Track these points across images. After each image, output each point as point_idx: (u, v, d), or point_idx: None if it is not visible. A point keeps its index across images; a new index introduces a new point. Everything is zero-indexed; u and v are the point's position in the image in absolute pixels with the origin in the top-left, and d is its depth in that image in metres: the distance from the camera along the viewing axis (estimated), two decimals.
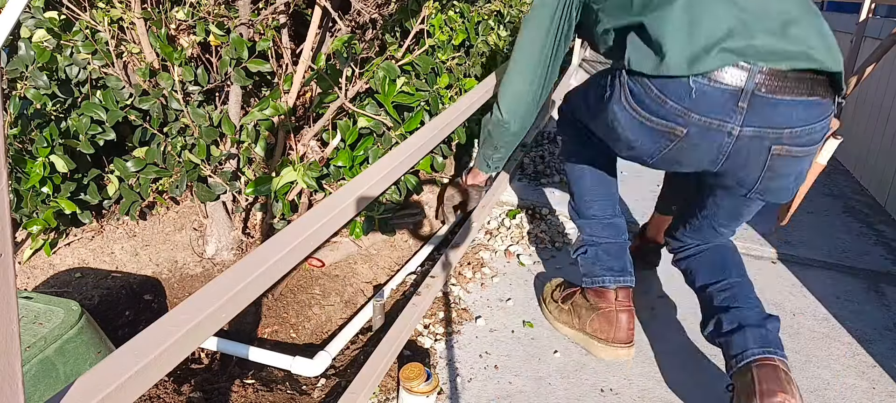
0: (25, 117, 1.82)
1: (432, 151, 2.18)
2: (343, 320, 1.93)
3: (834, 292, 2.01)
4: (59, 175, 1.85)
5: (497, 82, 1.81)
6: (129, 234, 2.18)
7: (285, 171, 1.89)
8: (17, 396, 0.53)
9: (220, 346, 1.67)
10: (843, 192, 2.97)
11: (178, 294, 2.03)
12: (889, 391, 1.54)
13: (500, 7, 3.28)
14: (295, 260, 0.92)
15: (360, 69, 2.13)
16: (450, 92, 2.41)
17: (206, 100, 2.06)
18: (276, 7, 1.99)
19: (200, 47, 2.07)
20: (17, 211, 1.87)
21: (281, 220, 2.08)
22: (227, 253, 2.13)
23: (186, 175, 1.95)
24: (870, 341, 1.75)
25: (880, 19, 3.47)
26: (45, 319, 1.32)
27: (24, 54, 1.88)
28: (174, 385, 1.59)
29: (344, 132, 2.02)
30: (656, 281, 1.97)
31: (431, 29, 2.41)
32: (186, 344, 0.71)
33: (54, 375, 1.27)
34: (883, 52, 2.44)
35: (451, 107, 1.68)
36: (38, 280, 2.00)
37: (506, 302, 1.80)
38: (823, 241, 2.36)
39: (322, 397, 1.54)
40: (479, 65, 3.05)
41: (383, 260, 2.21)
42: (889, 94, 3.00)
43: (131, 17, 1.87)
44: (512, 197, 2.52)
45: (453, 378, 1.47)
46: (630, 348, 1.54)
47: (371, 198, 1.17)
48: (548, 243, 2.18)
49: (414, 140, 1.39)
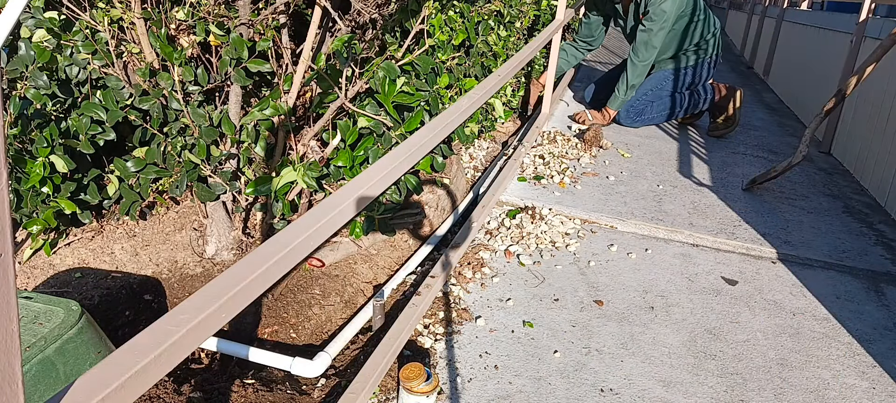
0: (25, 117, 1.82)
1: (432, 151, 2.18)
2: (343, 320, 1.93)
3: (834, 292, 2.01)
4: (59, 175, 1.85)
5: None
6: (129, 234, 2.18)
7: (285, 171, 1.89)
8: (17, 396, 0.53)
9: (220, 346, 1.67)
10: (843, 192, 2.97)
11: (178, 294, 2.03)
12: (889, 391, 1.54)
13: (500, 7, 3.28)
14: (295, 260, 0.92)
15: (360, 69, 2.13)
16: (450, 92, 2.41)
17: (206, 100, 2.06)
18: (276, 7, 1.99)
19: (200, 47, 2.07)
20: (17, 212, 1.87)
21: (281, 220, 2.08)
22: (227, 253, 2.13)
23: (186, 175, 1.95)
24: (870, 341, 1.75)
25: (880, 19, 3.47)
26: (45, 319, 1.32)
27: (24, 54, 1.88)
28: (174, 385, 1.59)
29: (344, 132, 2.02)
30: (656, 281, 1.97)
31: (431, 29, 2.40)
32: (186, 344, 0.71)
33: (54, 375, 1.27)
34: (883, 52, 2.44)
35: (451, 107, 1.68)
36: (38, 280, 2.00)
37: (506, 302, 1.80)
38: (823, 241, 2.36)
39: (322, 397, 1.54)
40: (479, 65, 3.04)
41: (383, 260, 2.21)
42: (889, 94, 2.99)
43: (131, 17, 1.87)
44: (512, 197, 2.52)
45: (453, 378, 1.47)
46: None
47: (371, 197, 1.17)
48: (548, 243, 2.18)
49: (414, 140, 1.39)
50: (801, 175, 3.16)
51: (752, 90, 5.66)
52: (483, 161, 3.30)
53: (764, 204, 2.68)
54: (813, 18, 4.92)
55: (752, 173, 3.06)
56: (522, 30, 3.79)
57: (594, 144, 3.21)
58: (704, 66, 3.59)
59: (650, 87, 3.63)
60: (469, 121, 2.82)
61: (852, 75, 2.52)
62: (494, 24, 3.22)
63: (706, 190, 2.80)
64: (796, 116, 4.71)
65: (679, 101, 3.65)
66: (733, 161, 3.30)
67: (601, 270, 2.02)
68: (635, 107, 3.64)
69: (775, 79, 5.88)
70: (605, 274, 1.99)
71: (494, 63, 3.20)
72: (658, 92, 3.62)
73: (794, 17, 5.57)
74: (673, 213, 2.48)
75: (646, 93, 3.62)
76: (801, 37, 5.16)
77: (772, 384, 1.53)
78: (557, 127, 3.57)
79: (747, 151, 3.52)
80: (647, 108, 3.65)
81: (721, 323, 1.77)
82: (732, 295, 1.93)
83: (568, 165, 2.94)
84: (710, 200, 2.67)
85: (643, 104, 3.64)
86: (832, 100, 2.60)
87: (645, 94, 3.63)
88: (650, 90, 3.63)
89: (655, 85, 3.62)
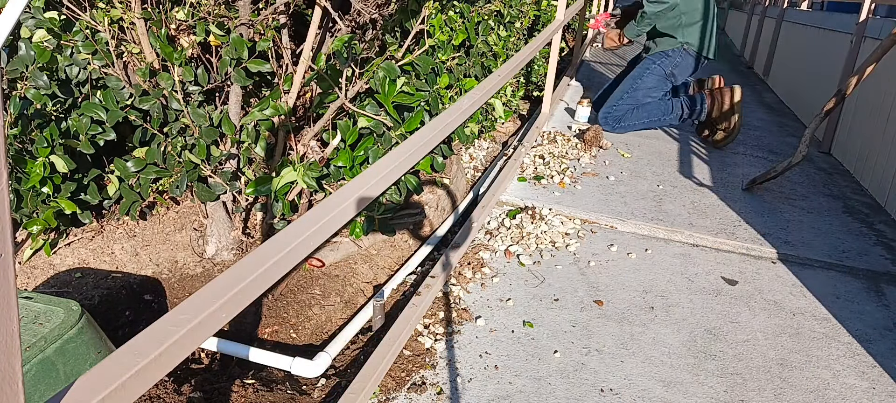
0: (25, 117, 1.82)
1: (432, 151, 2.18)
2: (343, 320, 1.93)
3: (834, 292, 2.01)
4: (59, 175, 1.85)
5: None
6: (129, 234, 2.18)
7: (285, 171, 1.89)
8: (18, 396, 0.53)
9: (220, 346, 1.67)
10: (843, 192, 2.97)
11: (178, 294, 2.03)
12: (889, 391, 1.54)
13: (500, 7, 3.28)
14: (295, 260, 0.92)
15: (360, 69, 2.13)
16: (450, 92, 2.41)
17: (206, 100, 2.06)
18: (276, 7, 1.99)
19: (200, 47, 2.07)
20: (17, 212, 1.87)
21: (281, 220, 2.08)
22: (227, 253, 2.13)
23: (186, 175, 1.95)
24: (870, 341, 1.75)
25: (880, 19, 3.47)
26: (46, 319, 1.32)
27: (25, 54, 1.88)
28: (174, 385, 1.59)
29: (344, 132, 2.02)
30: (656, 281, 1.97)
31: (431, 29, 2.40)
32: (186, 344, 0.71)
33: (54, 375, 1.27)
34: (883, 52, 2.44)
35: (451, 107, 1.68)
36: (38, 280, 2.00)
37: (506, 302, 1.80)
38: (823, 241, 2.36)
39: (322, 397, 1.54)
40: (479, 65, 3.05)
41: (383, 260, 2.21)
42: (889, 94, 2.99)
43: (131, 17, 1.87)
44: (512, 197, 2.52)
45: (453, 378, 1.47)
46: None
47: (371, 198, 1.17)
48: (548, 243, 2.18)
49: (414, 140, 1.39)
50: (801, 175, 3.16)
51: (752, 90, 5.66)
52: (483, 161, 3.31)
53: (764, 205, 2.68)
54: (813, 18, 4.92)
55: (752, 173, 3.06)
56: (522, 30, 3.79)
57: (594, 144, 3.21)
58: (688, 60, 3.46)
59: (628, 89, 3.53)
60: (469, 121, 2.82)
61: (852, 75, 2.52)
62: (494, 25, 3.22)
63: (706, 190, 2.80)
64: (796, 116, 4.72)
65: (663, 110, 3.53)
66: (733, 161, 3.30)
67: (601, 270, 2.02)
68: (613, 114, 3.55)
69: (775, 80, 5.88)
70: (605, 274, 1.99)
71: (494, 63, 3.20)
72: (632, 93, 3.52)
73: (794, 17, 5.57)
74: (673, 213, 2.48)
75: (623, 96, 3.54)
76: (801, 37, 5.16)
77: (772, 384, 1.53)
78: (557, 127, 3.57)
79: (747, 151, 3.52)
80: (626, 115, 3.54)
81: (721, 323, 1.77)
82: (732, 295, 1.93)
83: (568, 165, 2.94)
84: (710, 200, 2.67)
85: (622, 111, 3.54)
86: (832, 100, 2.60)
87: (620, 100, 3.54)
88: (627, 93, 3.53)
89: (629, 87, 3.53)
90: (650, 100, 3.51)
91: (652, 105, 3.52)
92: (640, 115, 3.54)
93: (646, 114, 3.53)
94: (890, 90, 2.99)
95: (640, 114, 3.54)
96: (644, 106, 3.52)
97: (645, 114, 3.54)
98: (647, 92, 3.50)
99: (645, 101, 3.52)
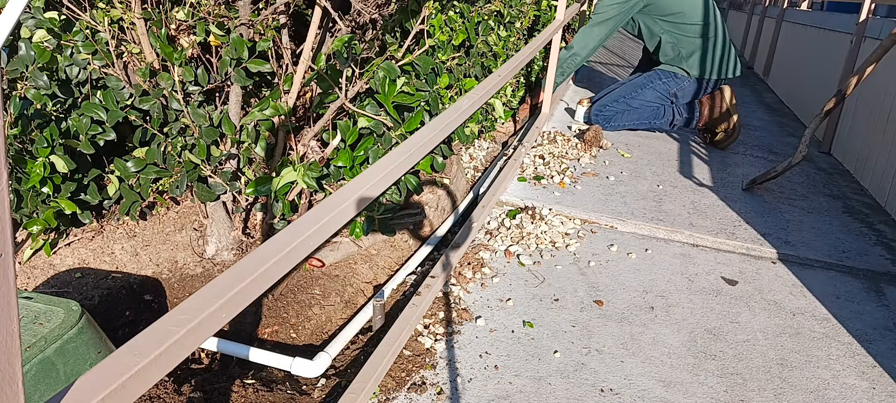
0: (25, 117, 1.82)
1: (432, 151, 2.18)
2: (343, 320, 1.93)
3: (834, 292, 2.01)
4: (59, 175, 1.85)
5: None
6: (129, 234, 2.18)
7: (285, 171, 1.89)
8: (18, 396, 0.53)
9: (220, 346, 1.67)
10: (843, 192, 2.97)
11: (178, 294, 2.03)
12: (889, 391, 1.54)
13: (500, 7, 3.28)
14: (295, 260, 0.92)
15: (360, 69, 2.13)
16: (450, 92, 2.41)
17: (206, 101, 2.06)
18: (276, 7, 1.99)
19: (200, 47, 2.07)
20: (17, 212, 1.87)
21: (281, 220, 2.08)
22: (227, 253, 2.13)
23: (186, 175, 1.95)
24: (870, 341, 1.75)
25: (880, 19, 3.47)
26: (45, 319, 1.32)
27: (25, 54, 1.88)
28: (174, 385, 1.59)
29: (344, 132, 2.02)
30: (656, 281, 1.97)
31: (431, 29, 2.41)
32: (186, 344, 0.71)
33: (54, 375, 1.27)
34: (883, 52, 2.44)
35: (451, 107, 1.68)
36: (38, 280, 2.00)
37: (506, 302, 1.80)
38: (823, 241, 2.36)
39: (322, 397, 1.54)
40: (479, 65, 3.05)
41: (383, 260, 2.21)
42: (889, 94, 2.99)
43: (131, 17, 1.87)
44: (512, 197, 2.52)
45: (453, 378, 1.47)
46: None
47: (371, 198, 1.17)
48: (548, 243, 2.18)
49: (414, 140, 1.39)
50: (801, 175, 3.16)
51: (752, 90, 5.66)
52: (483, 161, 3.30)
53: (764, 205, 2.68)
54: (813, 18, 4.92)
55: (752, 173, 3.06)
56: (522, 30, 3.79)
57: (594, 144, 3.21)
58: (694, 87, 3.47)
59: (626, 94, 3.53)
60: (469, 121, 2.82)
61: (852, 75, 2.52)
62: (494, 25, 3.22)
63: (706, 190, 2.80)
64: (796, 116, 4.72)
65: (654, 114, 3.53)
66: (733, 161, 3.30)
67: (601, 270, 2.02)
68: (604, 113, 3.56)
69: (775, 80, 5.88)
70: (605, 274, 2.00)
71: (494, 63, 3.20)
72: (628, 99, 3.52)
73: (794, 17, 5.57)
74: (673, 213, 2.48)
75: (618, 99, 3.54)
76: (801, 37, 5.16)
77: (772, 384, 1.53)
78: (557, 127, 3.57)
79: (747, 151, 3.52)
80: (617, 116, 3.55)
81: (721, 323, 1.77)
82: (732, 295, 1.93)
83: (568, 165, 2.94)
84: (710, 200, 2.67)
85: (612, 112, 3.55)
86: (832, 100, 2.60)
87: (615, 101, 3.54)
88: (624, 98, 3.53)
89: (628, 93, 3.53)
90: (644, 107, 3.56)
91: (643, 109, 3.55)
92: (631, 117, 3.57)
93: (636, 116, 3.57)
94: (890, 90, 2.99)
95: (631, 116, 3.57)
96: (636, 109, 3.56)
97: (635, 116, 3.57)
98: (644, 103, 3.53)
99: (638, 107, 3.55)
